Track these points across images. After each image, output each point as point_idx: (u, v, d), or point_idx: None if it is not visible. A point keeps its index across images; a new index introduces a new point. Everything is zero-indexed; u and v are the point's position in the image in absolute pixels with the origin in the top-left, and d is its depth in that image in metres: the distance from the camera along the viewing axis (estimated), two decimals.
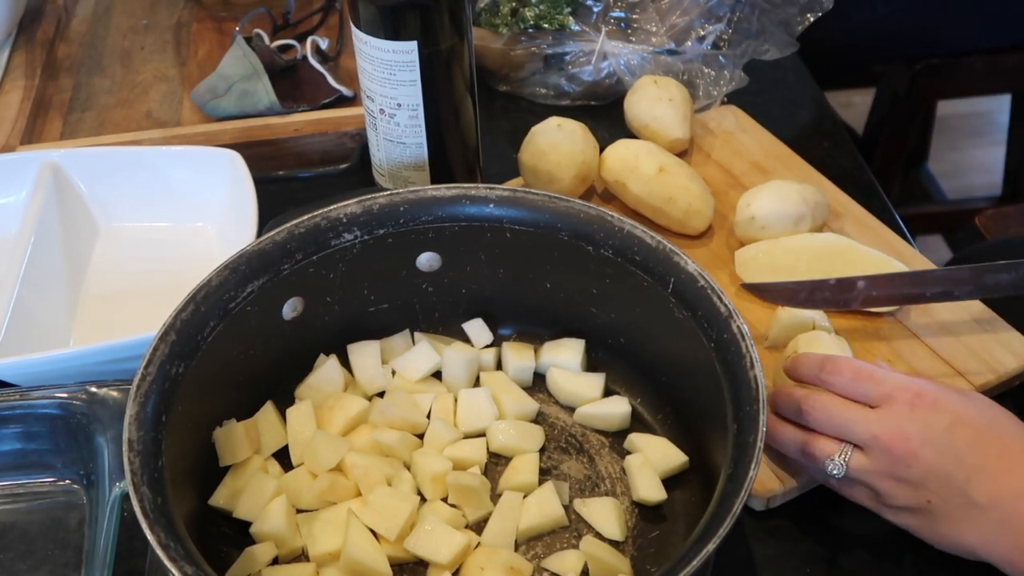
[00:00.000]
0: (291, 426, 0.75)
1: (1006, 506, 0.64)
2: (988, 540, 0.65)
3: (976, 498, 0.65)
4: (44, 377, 0.77)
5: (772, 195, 0.88)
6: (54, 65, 1.19)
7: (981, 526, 0.65)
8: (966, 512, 0.65)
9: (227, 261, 0.72)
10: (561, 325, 0.81)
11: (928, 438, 0.66)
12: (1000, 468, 0.65)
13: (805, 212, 0.87)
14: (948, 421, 0.66)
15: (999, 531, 0.64)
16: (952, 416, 0.66)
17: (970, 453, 0.65)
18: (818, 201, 0.88)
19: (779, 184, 0.89)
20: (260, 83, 1.06)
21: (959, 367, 0.80)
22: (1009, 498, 0.64)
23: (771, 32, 1.09)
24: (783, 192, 0.88)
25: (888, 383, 0.68)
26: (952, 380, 0.79)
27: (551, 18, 1.06)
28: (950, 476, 0.65)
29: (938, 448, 0.65)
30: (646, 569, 0.69)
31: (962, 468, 0.65)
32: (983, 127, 2.42)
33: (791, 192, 0.88)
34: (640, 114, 1.00)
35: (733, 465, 0.62)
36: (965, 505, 0.65)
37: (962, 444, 0.65)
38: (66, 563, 0.71)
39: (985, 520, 0.65)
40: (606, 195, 0.97)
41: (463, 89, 0.90)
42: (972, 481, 0.65)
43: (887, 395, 0.67)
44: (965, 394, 0.69)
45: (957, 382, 0.79)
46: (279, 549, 0.69)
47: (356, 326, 0.80)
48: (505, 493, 0.72)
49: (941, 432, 0.66)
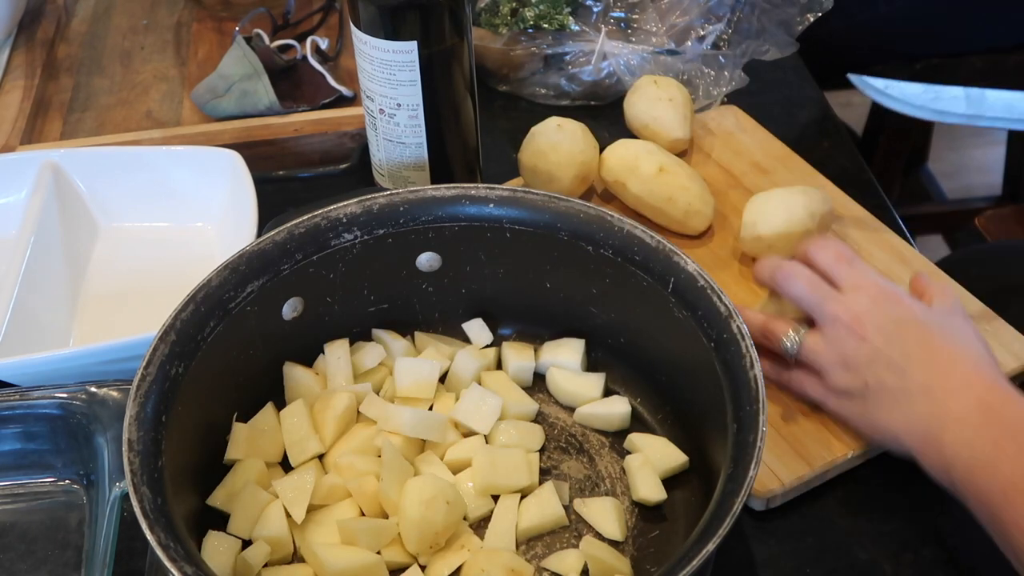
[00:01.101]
0: (285, 428, 0.75)
1: (933, 397, 0.68)
2: (910, 427, 0.69)
3: (909, 385, 0.69)
4: (44, 377, 0.77)
5: (778, 211, 0.86)
6: (54, 65, 1.19)
7: (907, 412, 0.69)
8: (896, 398, 0.69)
9: (227, 261, 0.72)
10: (561, 325, 0.81)
11: (881, 325, 0.70)
12: (939, 367, 0.69)
13: (812, 228, 0.86)
14: (904, 316, 0.71)
15: (921, 419, 0.68)
16: (909, 314, 0.71)
17: (915, 347, 0.69)
18: (824, 212, 0.87)
19: (785, 196, 0.87)
20: (260, 83, 1.06)
21: None
22: (938, 392, 0.68)
23: (771, 32, 1.09)
24: (789, 207, 0.86)
25: (862, 273, 0.73)
26: None
27: (551, 18, 1.06)
28: (891, 361, 0.69)
29: (887, 336, 0.70)
30: (646, 569, 0.69)
31: (904, 358, 0.69)
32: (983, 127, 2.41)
33: (797, 207, 0.86)
34: (640, 114, 1.00)
35: (733, 465, 0.62)
36: (898, 390, 0.69)
37: (910, 338, 0.70)
38: (66, 563, 0.71)
39: (912, 407, 0.68)
40: (606, 195, 0.97)
41: (463, 89, 0.90)
42: (909, 370, 0.69)
43: (856, 283, 0.72)
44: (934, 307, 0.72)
45: None
46: (273, 554, 0.69)
47: (356, 326, 0.80)
48: (504, 495, 0.72)
49: (894, 323, 0.70)
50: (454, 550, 0.69)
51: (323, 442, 0.75)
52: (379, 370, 0.79)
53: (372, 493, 0.71)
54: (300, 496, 0.71)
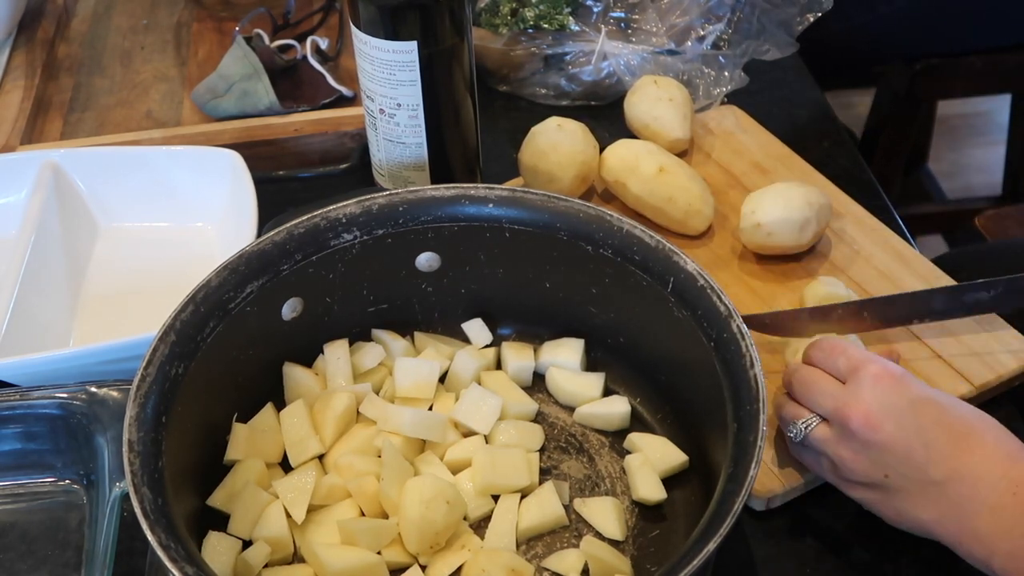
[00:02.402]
0: (285, 428, 0.75)
1: (962, 485, 0.64)
2: (942, 518, 0.65)
3: (933, 475, 0.65)
4: (44, 377, 0.77)
5: (777, 200, 0.87)
6: (54, 65, 1.19)
7: (937, 503, 0.65)
8: (923, 488, 0.65)
9: (227, 261, 0.72)
10: (561, 325, 0.81)
11: (890, 412, 0.66)
12: (960, 448, 0.65)
13: (810, 217, 0.87)
14: (912, 397, 0.67)
15: (953, 510, 0.65)
16: (917, 394, 0.67)
17: (931, 429, 0.66)
18: (822, 203, 0.88)
19: (782, 188, 0.88)
20: (260, 83, 1.06)
21: (959, 367, 0.80)
22: (966, 477, 0.64)
23: (771, 32, 1.09)
24: (788, 197, 0.87)
25: (857, 357, 0.69)
26: (953, 380, 0.79)
27: (551, 18, 1.06)
28: (910, 450, 0.65)
29: (899, 422, 0.66)
30: (646, 569, 0.69)
31: (922, 444, 0.65)
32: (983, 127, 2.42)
33: (795, 196, 0.87)
34: (640, 114, 1.00)
35: (733, 465, 0.62)
36: (922, 481, 0.65)
37: (924, 420, 0.66)
38: (66, 563, 0.71)
39: (941, 497, 0.65)
40: (606, 195, 0.97)
41: (463, 89, 0.90)
42: (931, 457, 0.65)
43: (854, 368, 0.68)
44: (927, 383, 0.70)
45: (957, 382, 0.79)
46: (274, 554, 0.69)
47: (356, 326, 0.80)
48: (504, 495, 0.72)
49: (904, 407, 0.66)
50: (454, 550, 0.69)
51: (323, 442, 0.75)
52: (379, 370, 0.79)
53: (372, 493, 0.71)
54: (300, 496, 0.71)
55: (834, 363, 0.70)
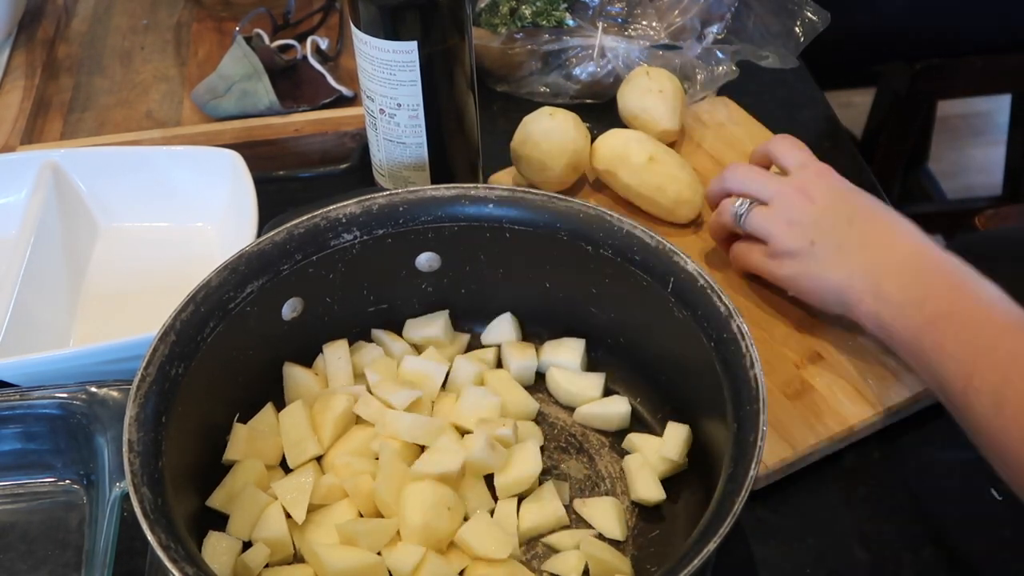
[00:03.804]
0: (284, 429, 0.75)
1: (876, 251, 0.74)
2: (851, 279, 0.75)
3: (853, 240, 0.75)
4: (44, 377, 0.77)
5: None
6: (54, 65, 1.19)
7: (849, 265, 0.75)
8: (840, 252, 0.76)
9: (227, 261, 0.72)
10: (561, 325, 0.81)
11: (825, 192, 0.78)
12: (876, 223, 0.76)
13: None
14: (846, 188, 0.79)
15: (861, 271, 0.74)
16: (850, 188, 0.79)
17: (859, 210, 0.77)
18: None
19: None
20: (260, 83, 1.06)
21: None
22: (879, 246, 0.74)
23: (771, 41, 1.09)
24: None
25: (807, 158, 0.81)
26: None
27: (548, 15, 1.06)
28: (836, 220, 0.76)
29: (832, 199, 0.78)
30: (646, 569, 0.69)
31: (847, 219, 0.76)
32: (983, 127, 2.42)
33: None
34: (631, 105, 1.01)
35: (733, 465, 0.62)
36: (841, 244, 0.76)
37: (854, 203, 0.77)
38: (66, 563, 0.71)
39: (854, 257, 0.75)
40: (597, 184, 0.98)
41: (464, 89, 0.90)
42: (853, 227, 0.76)
43: (802, 164, 0.81)
44: None
45: None
46: (273, 555, 0.69)
47: (356, 326, 0.80)
48: (501, 501, 0.72)
49: (839, 191, 0.78)
50: (456, 554, 0.69)
51: (321, 443, 0.75)
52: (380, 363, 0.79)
53: (368, 492, 0.71)
54: (300, 497, 0.71)
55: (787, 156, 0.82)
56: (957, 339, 0.67)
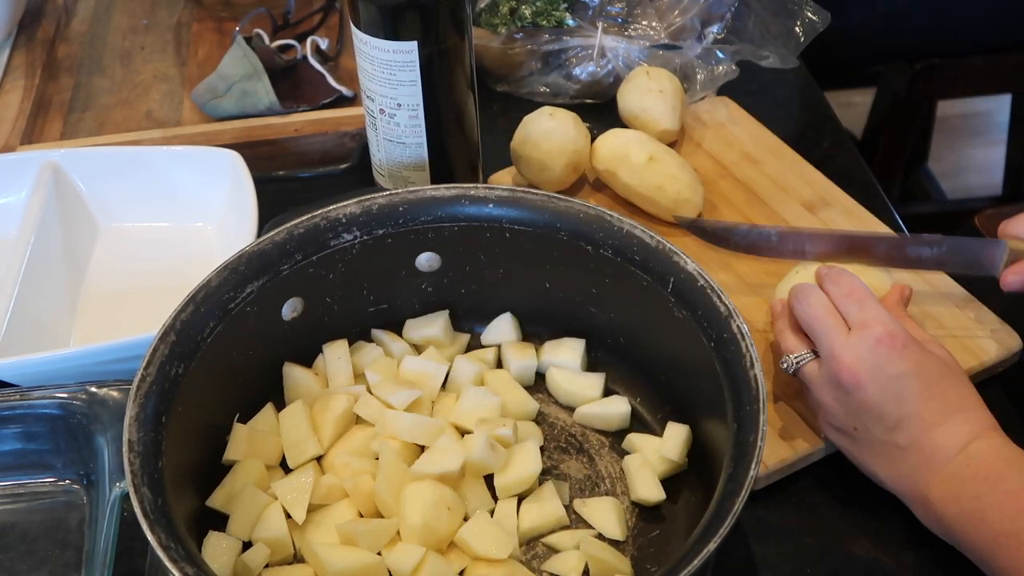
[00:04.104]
0: (284, 429, 0.75)
1: (920, 455, 0.68)
2: (898, 478, 0.70)
3: (898, 440, 0.69)
4: (44, 377, 0.77)
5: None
6: (54, 65, 1.19)
7: (895, 465, 0.69)
8: (885, 449, 0.70)
9: (227, 261, 0.72)
10: (561, 325, 0.81)
11: (877, 376, 0.69)
12: (931, 421, 0.68)
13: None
14: (903, 369, 0.69)
15: (908, 474, 0.69)
16: (911, 365, 0.69)
17: (910, 401, 0.68)
18: None
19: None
20: (260, 83, 1.06)
21: None
22: (926, 448, 0.68)
23: (772, 42, 1.09)
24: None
25: (871, 312, 0.71)
26: None
27: (548, 15, 1.06)
28: (883, 415, 0.69)
29: (882, 388, 0.69)
30: (646, 569, 0.69)
31: (897, 412, 0.68)
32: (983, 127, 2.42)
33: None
34: (631, 105, 1.01)
35: (733, 465, 0.62)
36: (885, 443, 0.69)
37: (906, 392, 0.68)
38: (66, 563, 0.71)
39: (899, 461, 0.69)
40: (597, 184, 0.98)
41: (463, 89, 0.90)
42: (901, 425, 0.68)
43: (864, 322, 0.70)
44: (934, 350, 0.71)
45: None
46: (273, 555, 0.69)
47: (356, 326, 0.80)
48: (501, 502, 0.72)
49: (892, 376, 0.69)
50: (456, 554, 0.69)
51: (321, 444, 0.75)
52: (380, 363, 0.79)
53: (368, 492, 0.71)
54: (300, 497, 0.71)
55: (847, 306, 0.72)
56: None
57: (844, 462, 0.76)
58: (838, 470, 0.76)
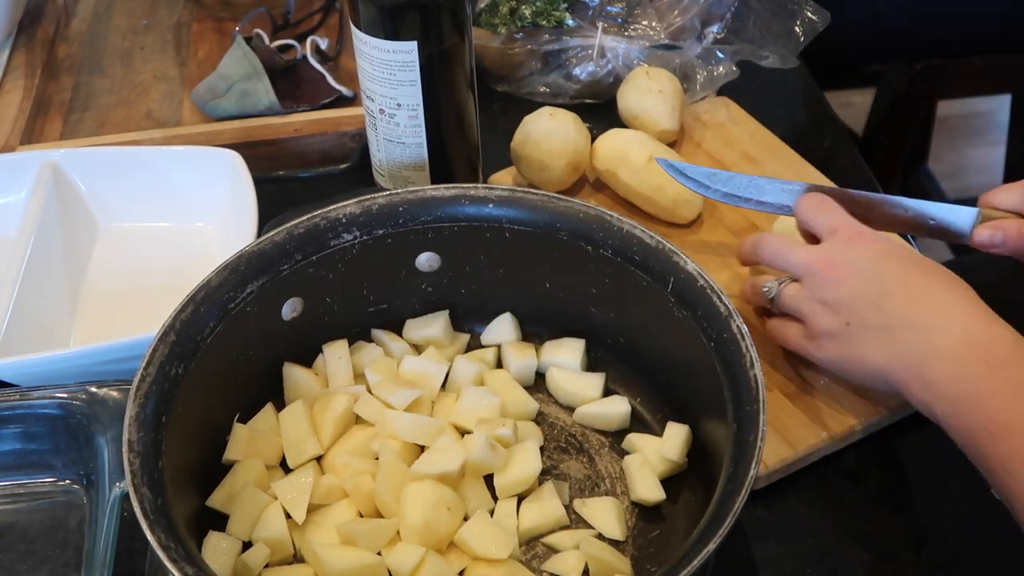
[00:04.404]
0: (284, 429, 0.75)
1: (913, 332, 0.68)
2: (893, 360, 0.69)
3: (890, 320, 0.69)
4: (44, 377, 0.77)
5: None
6: (54, 65, 1.19)
7: (890, 348, 0.69)
8: (878, 333, 0.69)
9: (227, 261, 0.72)
10: (561, 325, 0.81)
11: (855, 266, 0.71)
12: (917, 300, 0.69)
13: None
14: (878, 254, 0.71)
15: (904, 353, 0.68)
16: (885, 251, 0.71)
17: (891, 281, 0.70)
18: None
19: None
20: (260, 83, 1.06)
21: None
22: (918, 326, 0.68)
23: (772, 42, 1.09)
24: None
25: (837, 220, 0.74)
26: None
27: (548, 14, 1.06)
28: (868, 299, 0.70)
29: (862, 275, 0.71)
30: (646, 569, 0.69)
31: (881, 292, 0.70)
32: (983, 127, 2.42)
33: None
34: (631, 105, 1.01)
35: (733, 465, 0.62)
36: (878, 325, 0.69)
37: (886, 274, 0.70)
38: (66, 563, 0.71)
39: (893, 341, 0.69)
40: (597, 184, 0.98)
41: (463, 89, 0.90)
42: (888, 303, 0.69)
43: (832, 228, 0.74)
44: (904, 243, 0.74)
45: None
46: (273, 555, 0.69)
47: (356, 326, 0.80)
48: (501, 502, 0.72)
49: (869, 262, 0.71)
50: (456, 554, 0.69)
51: (321, 444, 0.75)
52: (380, 363, 0.79)
53: (368, 492, 0.71)
54: (300, 497, 0.71)
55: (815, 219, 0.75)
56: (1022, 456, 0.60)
57: (844, 462, 0.76)
58: (838, 470, 0.76)
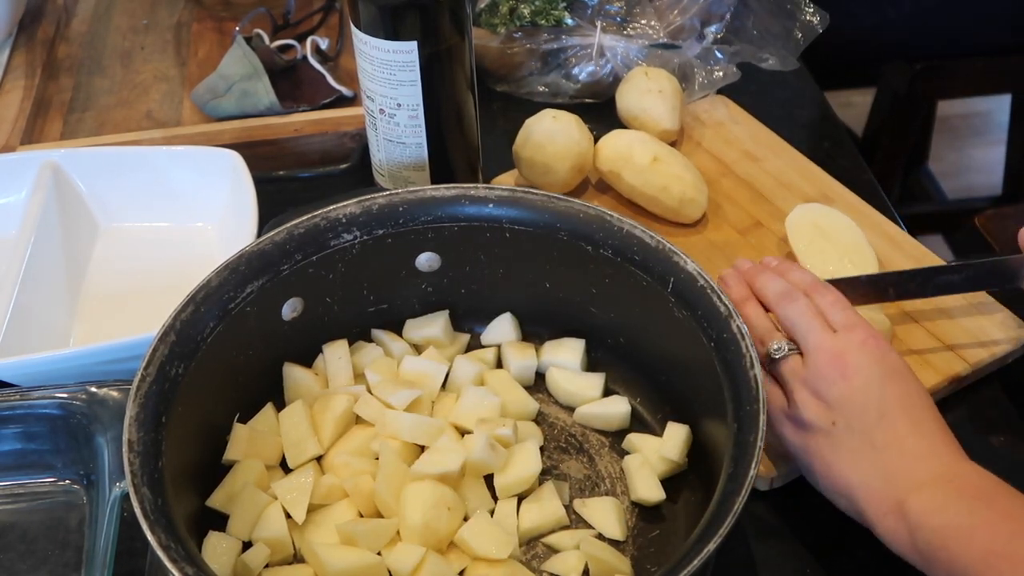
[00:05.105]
0: (284, 429, 0.75)
1: (901, 458, 0.65)
2: (870, 482, 0.66)
3: (876, 438, 0.66)
4: (44, 377, 0.77)
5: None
6: (54, 65, 1.19)
7: (871, 466, 0.66)
8: (862, 448, 0.66)
9: (227, 261, 0.72)
10: (561, 325, 0.81)
11: (863, 370, 0.68)
12: (911, 428, 0.66)
13: None
14: (888, 370, 0.68)
15: (885, 477, 0.65)
16: (893, 370, 0.68)
17: (893, 402, 0.67)
18: None
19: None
20: (260, 83, 1.06)
21: (955, 346, 0.82)
22: (908, 453, 0.65)
23: (772, 43, 1.09)
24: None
25: (855, 320, 0.71)
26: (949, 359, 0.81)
27: (547, 14, 1.06)
28: (865, 409, 0.67)
29: (867, 382, 0.67)
30: (646, 569, 0.69)
31: (879, 409, 0.67)
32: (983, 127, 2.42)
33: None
34: (630, 105, 1.01)
35: (733, 465, 0.62)
36: (864, 442, 0.66)
37: (890, 392, 0.67)
38: (66, 563, 0.71)
39: (877, 462, 0.66)
40: (601, 186, 0.98)
41: (463, 89, 0.90)
42: (883, 422, 0.66)
43: (850, 326, 0.70)
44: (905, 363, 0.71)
45: (954, 361, 0.81)
46: (273, 555, 0.69)
47: (356, 326, 0.80)
48: (501, 502, 0.72)
49: (877, 374, 0.68)
50: (456, 554, 0.69)
51: (321, 444, 0.75)
52: (380, 363, 0.79)
53: (368, 492, 0.71)
54: (300, 497, 0.71)
55: (833, 311, 0.71)
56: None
57: None
58: None
